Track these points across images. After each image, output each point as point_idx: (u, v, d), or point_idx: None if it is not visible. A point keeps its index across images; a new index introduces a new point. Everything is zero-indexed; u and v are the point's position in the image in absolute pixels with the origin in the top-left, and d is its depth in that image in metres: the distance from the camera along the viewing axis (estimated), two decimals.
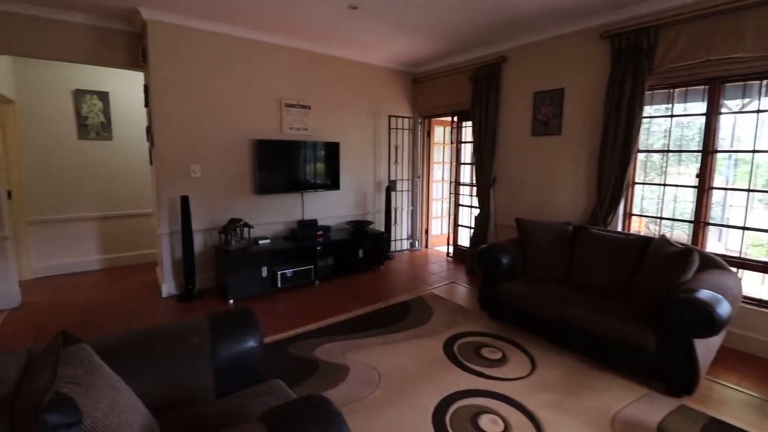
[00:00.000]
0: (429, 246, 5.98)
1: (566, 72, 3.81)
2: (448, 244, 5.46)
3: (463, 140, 5.22)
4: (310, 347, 2.87)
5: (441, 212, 6.11)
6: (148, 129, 3.90)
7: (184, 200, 3.65)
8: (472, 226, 5.03)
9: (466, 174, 5.37)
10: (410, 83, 5.60)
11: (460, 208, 5.33)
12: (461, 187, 5.30)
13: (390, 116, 5.35)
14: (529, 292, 3.02)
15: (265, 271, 3.86)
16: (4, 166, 4.10)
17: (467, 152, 5.28)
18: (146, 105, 3.87)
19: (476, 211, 4.82)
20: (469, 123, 5.06)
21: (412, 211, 5.85)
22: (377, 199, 5.44)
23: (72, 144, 4.49)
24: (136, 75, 4.63)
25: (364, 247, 4.65)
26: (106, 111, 4.62)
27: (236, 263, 3.69)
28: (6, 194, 3.85)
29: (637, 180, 3.56)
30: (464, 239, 5.35)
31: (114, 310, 3.52)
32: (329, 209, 4.93)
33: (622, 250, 2.93)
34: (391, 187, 5.19)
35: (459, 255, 5.33)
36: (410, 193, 5.79)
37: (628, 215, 3.63)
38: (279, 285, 3.95)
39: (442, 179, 6.07)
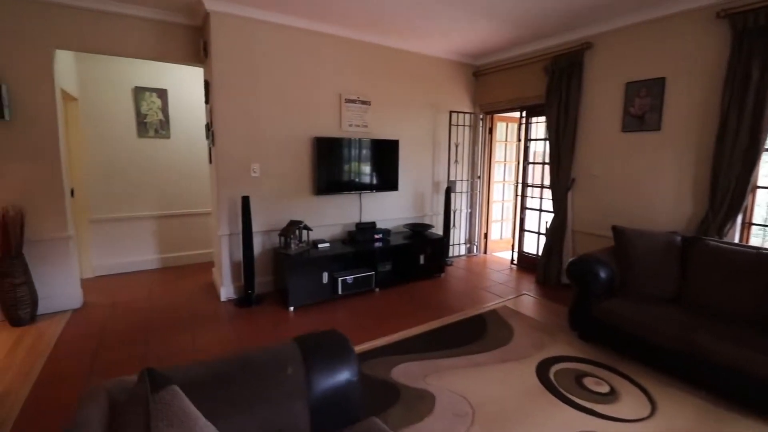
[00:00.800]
0: (488, 251, 5.58)
1: (668, 58, 3.33)
2: (513, 251, 5.04)
3: (531, 137, 4.78)
4: (386, 367, 2.58)
5: (501, 215, 5.69)
6: (208, 126, 3.76)
7: (245, 201, 3.46)
8: (541, 231, 4.61)
9: (534, 175, 4.93)
10: (471, 77, 5.22)
11: (527, 211, 4.90)
12: (529, 188, 4.87)
13: (451, 112, 5.00)
14: (642, 313, 2.59)
15: (326, 277, 3.63)
16: (67, 164, 4.09)
17: (536, 151, 4.85)
18: (207, 101, 3.73)
19: (548, 216, 4.39)
20: (540, 119, 4.63)
21: (470, 213, 5.47)
22: (435, 201, 5.11)
23: (132, 142, 4.44)
24: (194, 72, 4.56)
25: (425, 252, 4.33)
26: (164, 109, 4.55)
27: (297, 268, 3.47)
28: (69, 192, 3.82)
29: (759, 184, 3.03)
30: (530, 246, 4.93)
31: (174, 314, 3.39)
32: (386, 211, 4.65)
33: (757, 269, 2.45)
34: (451, 188, 4.84)
35: (525, 263, 4.90)
36: (468, 194, 5.42)
37: (747, 225, 3.11)
38: (339, 292, 3.71)
39: (503, 180, 5.65)
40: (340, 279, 3.69)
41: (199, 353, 2.75)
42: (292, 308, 3.49)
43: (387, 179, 4.47)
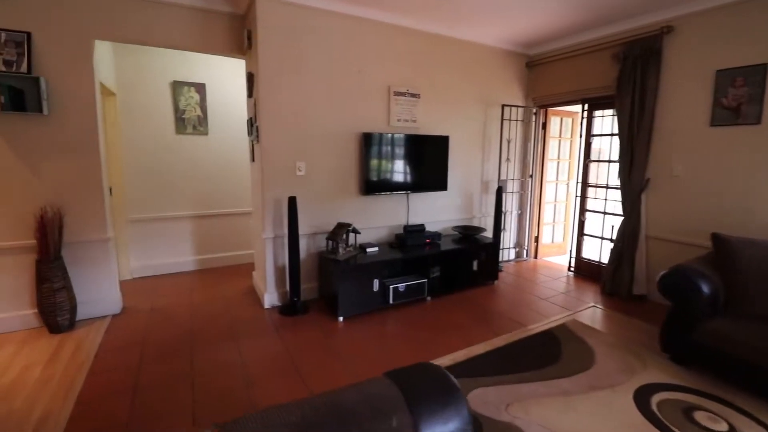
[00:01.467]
0: (538, 256, 5.19)
1: None
2: (570, 256, 4.64)
3: (594, 133, 4.37)
4: None
5: (553, 217, 5.29)
6: (251, 122, 3.52)
7: (292, 202, 3.21)
8: (606, 236, 4.20)
9: (599, 173, 4.52)
10: (523, 68, 4.84)
11: (587, 214, 4.50)
12: (590, 188, 4.46)
13: (503, 105, 4.63)
14: (761, 337, 2.20)
15: (376, 285, 3.34)
16: (106, 161, 3.93)
17: (600, 147, 4.43)
18: (249, 95, 3.49)
19: (614, 219, 3.99)
20: (606, 112, 4.23)
21: (519, 215, 5.09)
22: (484, 202, 4.76)
23: (170, 138, 4.27)
24: (232, 65, 4.35)
25: (479, 257, 4.00)
26: (202, 104, 4.35)
27: (347, 275, 3.20)
28: (108, 191, 3.66)
29: None
30: (591, 251, 4.52)
31: (217, 322, 3.17)
32: (434, 212, 4.33)
33: None
34: (502, 188, 4.48)
35: (584, 270, 4.50)
36: (518, 194, 5.04)
37: None
38: (391, 301, 3.42)
39: (557, 179, 5.24)
40: (391, 287, 3.40)
41: (249, 368, 2.51)
42: (341, 318, 3.21)
43: (436, 178, 4.16)
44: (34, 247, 2.91)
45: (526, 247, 5.13)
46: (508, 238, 5.04)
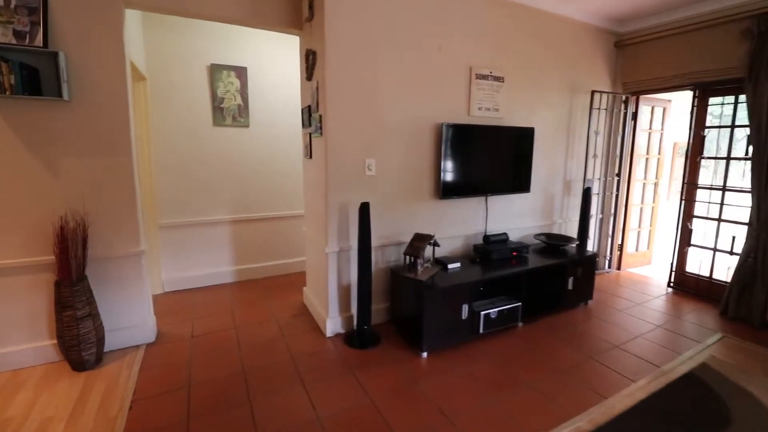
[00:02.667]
0: (622, 267, 4.49)
1: None
2: (671, 270, 3.93)
3: (707, 125, 3.64)
4: None
5: (639, 222, 4.58)
6: (309, 110, 2.90)
7: (364, 209, 2.59)
8: (721, 248, 3.50)
9: (729, 174, 3.80)
10: (611, 48, 4.12)
11: (694, 220, 3.78)
12: (699, 190, 3.75)
13: (593, 92, 3.93)
14: None
15: (465, 311, 2.71)
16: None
17: (712, 141, 3.71)
18: (308, 77, 2.87)
19: (735, 228, 3.28)
20: (728, 99, 3.50)
21: (601, 220, 4.39)
22: (565, 205, 4.08)
23: (206, 131, 3.68)
24: (277, 46, 3.75)
25: (575, 273, 3.33)
26: (243, 91, 3.75)
27: (432, 299, 2.56)
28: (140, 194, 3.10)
29: None
30: (696, 264, 3.81)
31: (272, 355, 2.59)
32: (513, 218, 3.67)
33: None
34: (590, 190, 3.78)
35: (689, 287, 3.80)
36: (601, 196, 4.34)
37: None
38: (481, 330, 2.78)
39: (645, 178, 4.52)
40: (482, 313, 2.76)
41: (327, 427, 1.90)
42: (424, 353, 2.59)
43: (519, 178, 3.49)
44: (52, 264, 2.35)
45: (608, 257, 4.44)
46: (588, 246, 4.35)
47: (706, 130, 3.64)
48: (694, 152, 3.69)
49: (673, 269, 3.90)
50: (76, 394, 2.20)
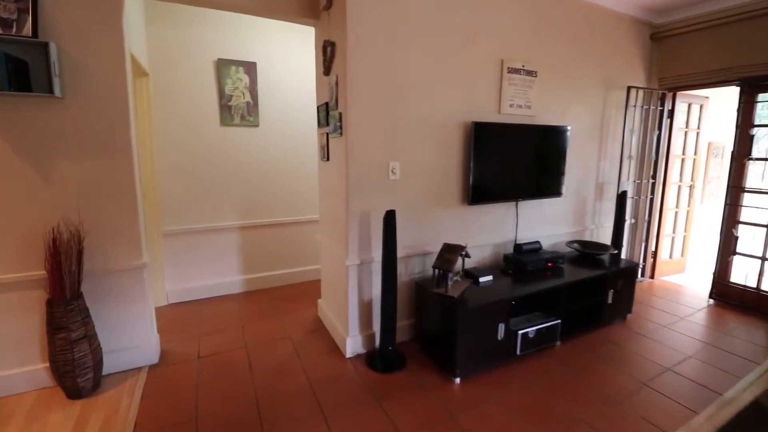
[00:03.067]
0: (655, 275, 4.20)
1: None
2: (714, 280, 3.63)
3: (755, 123, 3.35)
4: None
5: (673, 228, 4.28)
6: (326, 108, 2.64)
7: (390, 217, 2.32)
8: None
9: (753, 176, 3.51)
10: (647, 40, 3.82)
11: (740, 226, 3.49)
12: (745, 194, 3.45)
13: (629, 88, 3.64)
14: None
15: (501, 331, 2.43)
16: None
17: (759, 141, 3.42)
18: (326, 72, 2.61)
19: None
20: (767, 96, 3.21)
21: (633, 225, 4.10)
22: (597, 210, 3.80)
23: (213, 131, 3.43)
24: (289, 40, 3.50)
25: (615, 286, 3.05)
26: (252, 88, 3.49)
27: (466, 318, 2.29)
28: (142, 201, 2.86)
29: None
30: (741, 274, 3.52)
31: (288, 380, 2.33)
32: (543, 224, 3.40)
33: None
34: (626, 193, 3.49)
35: (735, 298, 3.50)
36: (633, 200, 4.04)
37: None
38: (518, 351, 2.51)
39: (680, 181, 4.22)
40: (520, 333, 2.49)
41: None
42: (457, 379, 2.32)
43: (551, 181, 3.22)
44: (43, 280, 2.10)
45: (642, 265, 4.15)
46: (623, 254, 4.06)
47: (755, 129, 3.34)
48: (741, 153, 3.39)
49: (715, 279, 3.60)
50: (70, 426, 1.95)
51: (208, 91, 3.36)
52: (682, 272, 4.39)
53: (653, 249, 4.16)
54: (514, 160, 2.98)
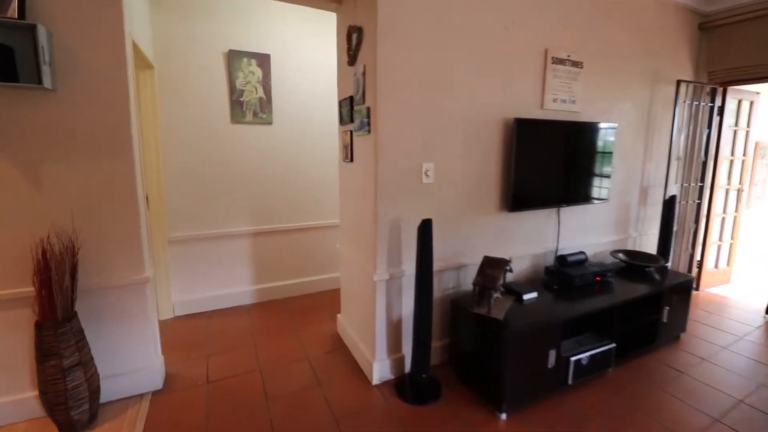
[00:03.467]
0: (701, 287, 3.86)
1: None
2: None
3: None
4: None
5: (720, 235, 3.93)
6: (350, 102, 2.35)
7: (426, 227, 2.03)
8: None
9: None
10: (695, 31, 3.48)
11: None
12: None
13: (679, 82, 3.30)
14: None
15: (552, 358, 2.13)
16: (141, 161, 2.86)
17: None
18: (351, 62, 2.31)
19: None
20: None
21: (677, 232, 3.76)
22: (641, 216, 3.47)
23: (224, 129, 3.15)
24: (306, 29, 3.20)
25: (670, 302, 2.72)
26: (265, 82, 3.21)
27: (513, 343, 1.99)
28: (145, 206, 2.60)
29: None
30: None
31: (308, 411, 2.05)
32: (585, 233, 3.08)
33: None
34: (675, 198, 3.16)
35: None
36: (679, 205, 3.69)
37: None
38: (570, 380, 2.20)
39: (728, 184, 3.87)
40: (572, 360, 2.18)
41: None
42: (503, 415, 2.02)
43: (595, 184, 2.90)
44: (31, 298, 1.83)
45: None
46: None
47: None
48: None
49: None
50: None
51: (218, 86, 3.09)
52: (727, 283, 4.05)
53: (698, 258, 3.81)
54: (557, 161, 2.67)
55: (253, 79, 3.16)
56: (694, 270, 3.82)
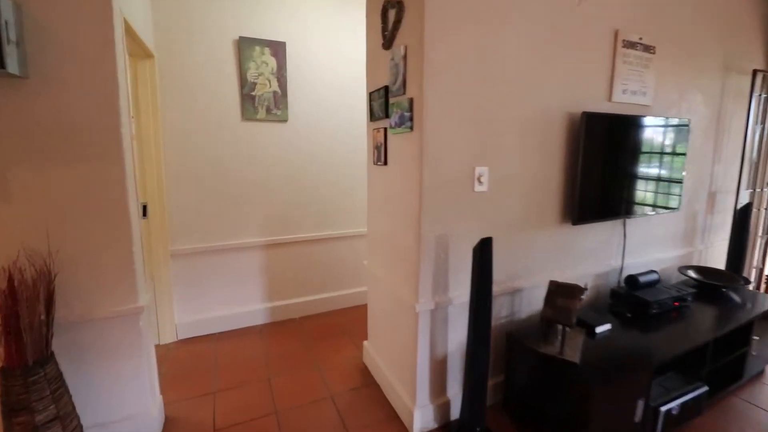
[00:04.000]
0: None
1: None
2: None
3: None
4: None
5: None
6: (384, 94, 1.95)
7: (485, 248, 1.62)
8: None
9: None
10: (765, 11, 3.04)
11: None
12: None
13: (755, 72, 2.86)
14: None
15: (640, 410, 1.71)
16: (135, 164, 2.50)
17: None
18: (387, 44, 1.92)
19: None
20: None
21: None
22: (707, 226, 3.02)
23: (233, 127, 2.78)
24: (327, 13, 2.82)
25: (761, 332, 2.29)
26: (280, 74, 2.83)
27: (592, 394, 1.58)
28: (141, 210, 2.25)
29: None
30: None
31: None
32: (649, 246, 2.65)
33: None
34: (750, 207, 2.72)
35: None
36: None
37: None
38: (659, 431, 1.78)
39: None
40: (662, 410, 1.76)
41: None
42: None
43: (666, 191, 2.47)
44: None
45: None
46: None
47: None
48: None
49: None
50: None
51: (226, 78, 2.71)
52: None
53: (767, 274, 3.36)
54: (627, 163, 2.25)
55: (267, 71, 2.78)
56: (762, 286, 3.37)
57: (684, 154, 2.50)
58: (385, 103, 1.96)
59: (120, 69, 1.62)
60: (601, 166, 2.12)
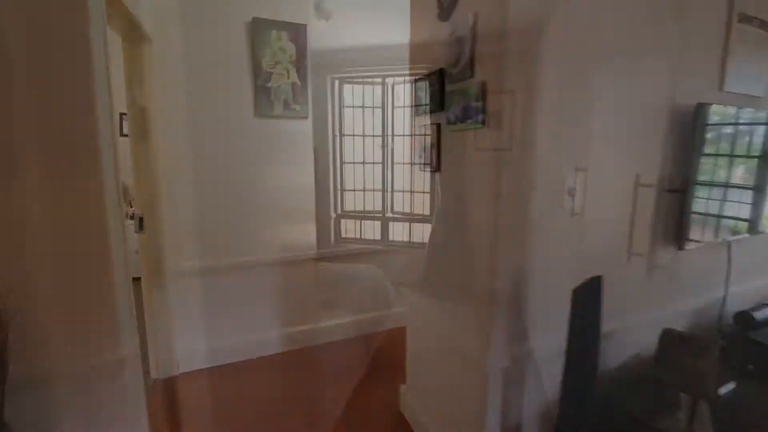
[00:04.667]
0: None
1: None
2: None
3: None
4: None
5: None
6: (438, 80, 1.51)
7: (592, 290, 1.17)
8: None
9: None
10: None
11: None
12: None
13: None
14: None
15: None
16: (125, 164, 2.10)
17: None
18: (445, 16, 1.48)
19: None
20: None
21: None
22: None
23: (245, 124, 2.37)
24: None
25: None
26: (299, 63, 2.41)
27: None
28: (138, 224, 1.87)
29: None
30: None
31: None
32: (746, 272, 2.15)
33: None
34: None
35: None
36: None
37: None
38: None
39: None
40: None
41: None
42: None
43: None
44: None
45: None
46: None
47: None
48: None
49: None
50: None
51: (237, 67, 2.30)
52: None
53: None
54: (742, 168, 1.78)
55: (285, 59, 2.36)
56: None
57: None
58: (440, 92, 1.52)
59: (97, 51, 1.21)
60: (713, 172, 1.66)
